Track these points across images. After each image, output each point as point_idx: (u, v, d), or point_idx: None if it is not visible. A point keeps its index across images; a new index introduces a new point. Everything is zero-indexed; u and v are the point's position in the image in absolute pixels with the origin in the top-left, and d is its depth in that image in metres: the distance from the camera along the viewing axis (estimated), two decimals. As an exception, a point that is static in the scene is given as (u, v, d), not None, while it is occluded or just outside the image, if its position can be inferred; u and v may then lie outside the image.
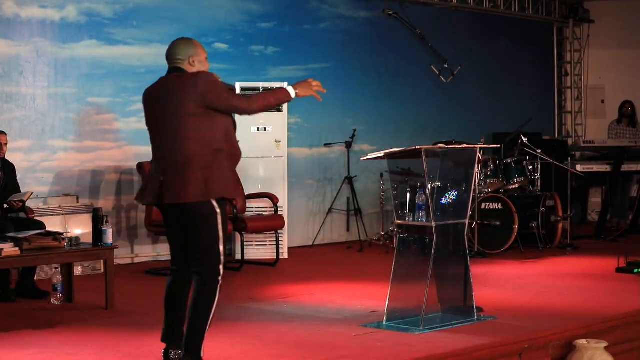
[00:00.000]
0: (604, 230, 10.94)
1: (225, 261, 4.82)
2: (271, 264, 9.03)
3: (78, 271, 7.93)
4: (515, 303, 6.76)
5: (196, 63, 4.87)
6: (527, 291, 7.29)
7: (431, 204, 5.91)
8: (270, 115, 9.48)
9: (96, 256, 7.33)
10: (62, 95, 8.76)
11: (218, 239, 4.77)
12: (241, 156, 4.98)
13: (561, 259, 9.18)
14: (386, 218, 10.57)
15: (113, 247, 6.85)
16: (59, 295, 6.97)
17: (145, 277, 8.35)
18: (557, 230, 9.93)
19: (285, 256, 9.51)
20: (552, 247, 9.82)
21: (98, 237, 6.81)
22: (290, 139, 9.91)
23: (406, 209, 6.21)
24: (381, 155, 6.11)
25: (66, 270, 7.05)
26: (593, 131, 13.45)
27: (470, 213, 6.39)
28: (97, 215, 6.90)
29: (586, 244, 10.19)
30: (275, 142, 9.55)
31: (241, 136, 5.16)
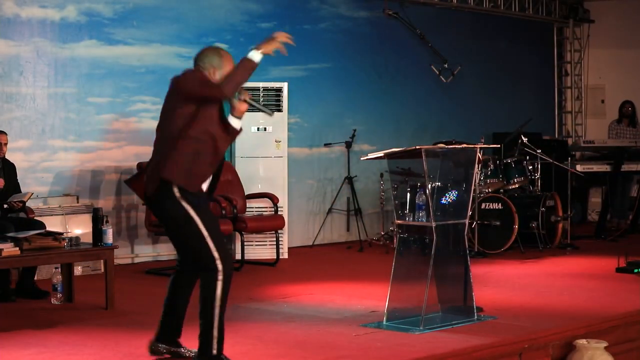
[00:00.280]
0: (604, 230, 10.93)
1: (223, 254, 4.78)
2: (271, 264, 9.03)
3: (78, 271, 7.93)
4: (515, 303, 6.76)
5: (217, 75, 4.80)
6: (527, 291, 7.29)
7: (431, 204, 5.91)
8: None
9: (96, 256, 7.33)
10: (62, 95, 8.76)
11: (204, 238, 4.74)
12: (221, 157, 4.91)
13: (561, 259, 9.18)
14: (386, 218, 10.57)
15: (113, 247, 6.85)
16: (59, 295, 6.97)
17: (145, 277, 8.34)
18: (557, 230, 9.92)
19: (285, 256, 9.51)
20: (552, 247, 9.82)
21: (98, 237, 6.81)
22: (290, 139, 9.91)
23: (406, 209, 6.21)
24: (381, 155, 6.11)
25: (66, 270, 7.05)
26: (593, 131, 13.45)
27: (470, 213, 6.39)
28: (97, 215, 6.90)
29: (586, 244, 10.18)
30: (275, 142, 9.55)
31: (241, 136, 5.13)
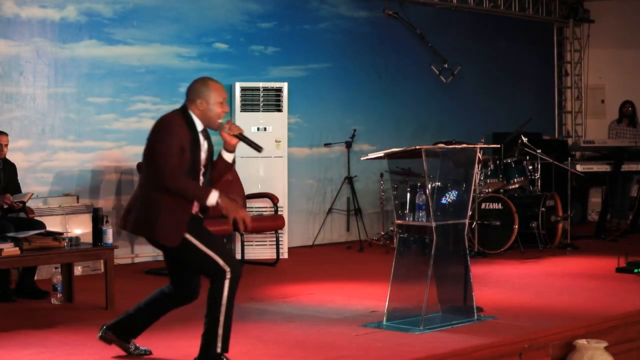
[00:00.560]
0: (604, 230, 10.93)
1: (228, 259, 4.80)
2: (271, 264, 9.03)
3: (78, 271, 7.93)
4: (515, 303, 6.76)
5: (204, 106, 4.79)
6: (527, 291, 7.29)
7: (431, 204, 5.91)
8: (270, 115, 9.49)
9: (96, 256, 7.33)
10: (62, 95, 8.76)
11: (203, 253, 4.78)
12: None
13: (561, 259, 9.18)
14: (386, 218, 10.57)
15: (113, 247, 6.85)
16: (59, 295, 6.97)
17: (145, 277, 8.34)
18: (557, 230, 9.92)
19: (285, 256, 9.51)
20: (552, 247, 9.82)
21: (98, 237, 6.81)
22: (290, 139, 9.91)
23: (406, 209, 6.21)
24: (381, 155, 6.11)
25: (66, 270, 7.06)
26: (593, 131, 13.45)
27: (470, 213, 6.39)
28: (97, 215, 6.90)
29: (586, 244, 10.18)
30: (275, 142, 9.55)
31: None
